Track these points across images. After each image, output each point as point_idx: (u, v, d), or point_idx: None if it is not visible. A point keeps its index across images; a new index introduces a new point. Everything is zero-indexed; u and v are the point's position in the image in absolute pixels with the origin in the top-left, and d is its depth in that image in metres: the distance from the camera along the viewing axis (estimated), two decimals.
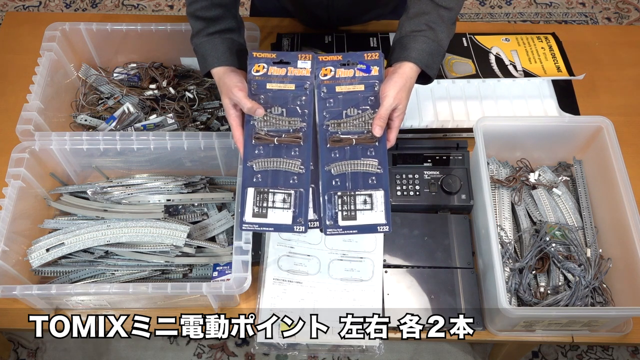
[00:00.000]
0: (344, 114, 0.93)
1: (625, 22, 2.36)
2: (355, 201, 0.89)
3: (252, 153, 0.91)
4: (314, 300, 0.99)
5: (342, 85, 0.95)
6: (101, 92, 1.26)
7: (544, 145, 1.12)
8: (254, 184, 0.89)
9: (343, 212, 0.88)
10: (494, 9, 2.42)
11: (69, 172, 1.13)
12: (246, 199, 0.88)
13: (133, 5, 2.41)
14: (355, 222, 0.88)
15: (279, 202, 0.88)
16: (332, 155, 0.91)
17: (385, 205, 0.88)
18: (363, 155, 0.91)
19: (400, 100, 0.90)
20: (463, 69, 1.20)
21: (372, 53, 0.96)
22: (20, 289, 0.91)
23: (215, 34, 0.96)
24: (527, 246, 1.04)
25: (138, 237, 1.01)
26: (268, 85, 0.94)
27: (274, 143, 0.91)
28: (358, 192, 0.89)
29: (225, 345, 1.65)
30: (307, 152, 0.91)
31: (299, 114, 0.93)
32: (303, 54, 0.96)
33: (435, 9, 0.93)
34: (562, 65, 1.22)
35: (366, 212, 0.88)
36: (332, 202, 0.89)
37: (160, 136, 1.05)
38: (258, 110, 0.90)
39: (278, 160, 0.90)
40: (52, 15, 1.85)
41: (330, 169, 0.91)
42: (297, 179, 0.89)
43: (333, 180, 0.90)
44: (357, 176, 0.90)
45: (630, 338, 1.00)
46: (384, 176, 0.90)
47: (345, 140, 0.92)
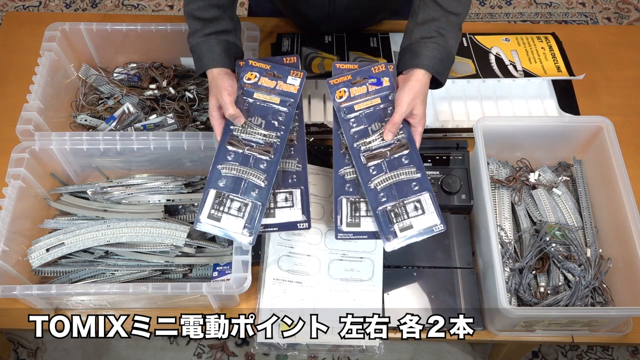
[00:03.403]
0: (370, 130, 0.95)
1: (625, 22, 2.36)
2: (406, 210, 0.90)
3: (224, 157, 0.93)
4: (314, 300, 0.99)
5: (359, 102, 0.97)
6: (101, 92, 1.26)
7: (544, 145, 1.12)
8: (217, 186, 0.91)
9: (399, 224, 0.89)
10: (494, 9, 2.42)
11: (69, 172, 1.13)
12: (206, 200, 0.90)
13: (133, 5, 2.41)
14: (412, 231, 0.89)
15: (234, 210, 0.89)
16: (371, 171, 0.93)
17: (434, 205, 0.90)
18: (399, 164, 0.93)
19: (415, 105, 0.92)
20: (463, 69, 1.20)
21: (378, 66, 0.99)
22: (20, 289, 0.91)
23: (211, 35, 0.97)
24: (527, 246, 1.04)
25: (138, 237, 1.01)
26: (255, 95, 0.97)
27: (244, 151, 0.93)
28: (407, 200, 0.90)
29: (225, 345, 1.65)
30: (273, 167, 0.92)
31: (276, 129, 0.95)
32: (295, 71, 0.99)
33: (445, 16, 0.94)
34: (562, 65, 1.22)
35: (420, 217, 0.90)
36: (386, 218, 0.90)
37: (160, 136, 1.05)
38: (239, 118, 0.93)
39: (244, 169, 0.92)
40: (52, 15, 1.85)
41: (375, 186, 0.92)
42: (257, 192, 0.90)
43: (379, 195, 0.91)
44: (400, 186, 0.92)
45: (630, 338, 1.00)
46: (424, 179, 0.91)
47: (379, 154, 0.93)
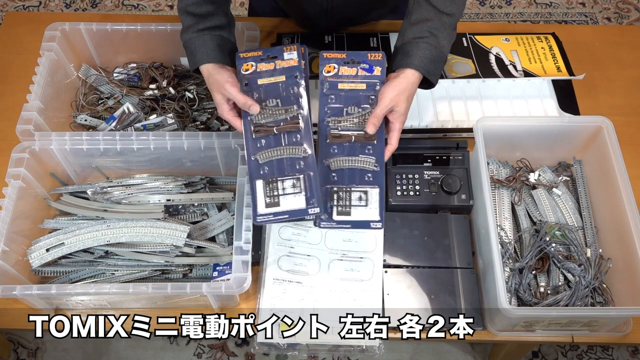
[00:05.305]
0: (345, 112, 0.94)
1: (625, 22, 2.36)
2: (350, 197, 0.90)
3: (254, 147, 0.92)
4: (314, 300, 0.99)
5: (345, 82, 0.96)
6: (101, 92, 1.26)
7: (544, 145, 1.12)
8: (261, 176, 0.90)
9: (338, 207, 0.90)
10: (494, 9, 2.42)
11: (69, 172, 1.13)
12: (256, 192, 0.89)
13: (133, 5, 2.41)
14: (349, 217, 0.89)
15: (289, 187, 0.89)
16: (331, 150, 0.92)
17: (379, 202, 0.90)
18: (361, 152, 0.92)
19: (398, 102, 0.91)
20: (463, 69, 1.20)
21: (375, 53, 0.97)
22: (20, 289, 0.91)
23: (205, 31, 0.97)
24: (527, 246, 1.04)
25: (138, 237, 1.01)
26: (259, 81, 0.95)
27: (274, 133, 0.92)
28: (354, 188, 0.90)
29: (225, 345, 1.65)
30: (308, 136, 0.91)
31: (294, 102, 0.94)
32: (287, 46, 0.98)
33: (438, 16, 0.94)
34: (562, 65, 1.22)
35: (360, 208, 0.90)
36: (327, 196, 0.90)
37: (160, 136, 1.05)
38: (252, 106, 0.91)
39: (281, 149, 0.91)
40: (52, 15, 1.85)
41: (328, 164, 0.92)
42: (303, 163, 0.90)
43: (330, 174, 0.91)
44: (354, 172, 0.91)
45: (630, 338, 1.00)
46: (380, 174, 0.91)
47: (345, 136, 0.93)
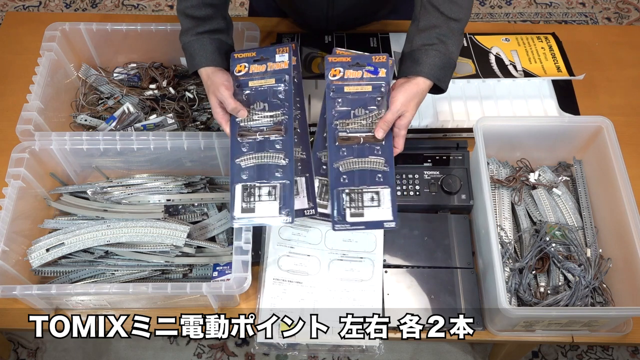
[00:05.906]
0: (352, 114, 0.95)
1: (625, 22, 2.36)
2: (362, 198, 0.91)
3: (239, 150, 0.94)
4: (314, 300, 0.99)
5: (351, 85, 0.97)
6: (101, 92, 1.26)
7: (544, 145, 1.12)
8: (241, 180, 0.92)
9: (351, 209, 0.91)
10: (494, 9, 2.42)
11: (69, 172, 1.13)
12: (235, 196, 0.91)
13: (133, 5, 2.41)
14: (362, 218, 0.90)
15: (265, 195, 0.91)
16: (340, 153, 0.93)
17: (392, 202, 0.91)
18: (370, 153, 0.93)
19: (408, 108, 0.92)
20: (463, 69, 1.20)
21: (380, 56, 0.98)
22: (20, 289, 0.91)
23: (204, 34, 0.97)
24: (527, 246, 1.04)
25: (138, 237, 1.01)
26: (250, 83, 0.97)
27: (257, 138, 0.93)
28: (365, 189, 0.91)
29: (225, 345, 1.65)
30: (289, 143, 0.93)
31: (279, 106, 0.95)
32: (280, 47, 0.99)
33: (446, 22, 0.93)
34: (562, 65, 1.22)
35: (373, 208, 0.91)
36: (340, 198, 0.91)
37: (160, 136, 1.05)
38: (240, 111, 0.93)
39: (262, 155, 0.93)
40: (52, 15, 1.85)
41: (338, 166, 0.93)
42: (281, 171, 0.92)
43: (341, 177, 0.92)
44: (365, 174, 0.92)
45: (630, 338, 1.00)
46: (391, 174, 0.92)
47: (353, 138, 0.94)
